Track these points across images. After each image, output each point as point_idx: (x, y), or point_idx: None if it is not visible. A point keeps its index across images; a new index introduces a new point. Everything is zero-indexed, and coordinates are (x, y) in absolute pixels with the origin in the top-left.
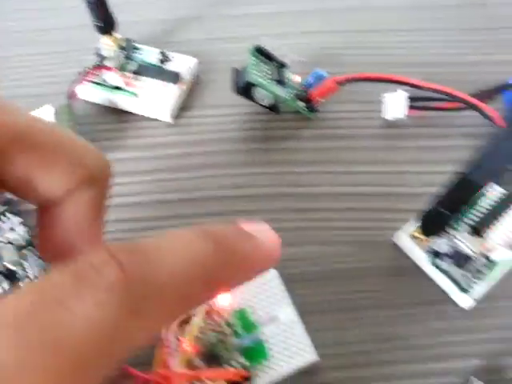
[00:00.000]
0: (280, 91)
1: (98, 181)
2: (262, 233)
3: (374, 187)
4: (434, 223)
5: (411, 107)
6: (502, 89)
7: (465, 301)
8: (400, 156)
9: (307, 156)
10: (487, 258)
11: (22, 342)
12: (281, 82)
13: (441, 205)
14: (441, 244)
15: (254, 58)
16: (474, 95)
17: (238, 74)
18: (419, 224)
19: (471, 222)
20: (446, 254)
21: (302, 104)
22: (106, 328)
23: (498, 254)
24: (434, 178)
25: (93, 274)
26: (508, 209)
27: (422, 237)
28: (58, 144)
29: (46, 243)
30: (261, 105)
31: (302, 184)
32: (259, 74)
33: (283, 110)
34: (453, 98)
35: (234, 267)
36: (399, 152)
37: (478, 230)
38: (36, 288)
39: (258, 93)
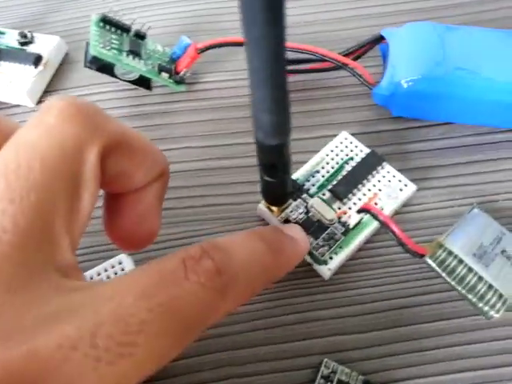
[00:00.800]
0: (134, 63)
1: (164, 175)
2: (297, 234)
3: (250, 159)
4: (266, 192)
5: None
6: (374, 43)
7: (324, 272)
8: None
9: (181, 131)
10: (344, 224)
11: (148, 306)
12: (136, 53)
13: (263, 172)
14: (293, 213)
15: (96, 29)
16: (346, 54)
17: (87, 48)
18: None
19: (332, 187)
20: (297, 222)
21: (166, 76)
22: (205, 303)
23: (353, 220)
24: (308, 145)
25: (193, 263)
26: (369, 173)
27: (274, 207)
28: (145, 146)
29: (115, 226)
30: (128, 81)
31: (176, 161)
32: (105, 45)
33: (155, 85)
34: (323, 58)
35: (282, 264)
36: None
37: (337, 196)
38: (155, 269)
39: (118, 69)
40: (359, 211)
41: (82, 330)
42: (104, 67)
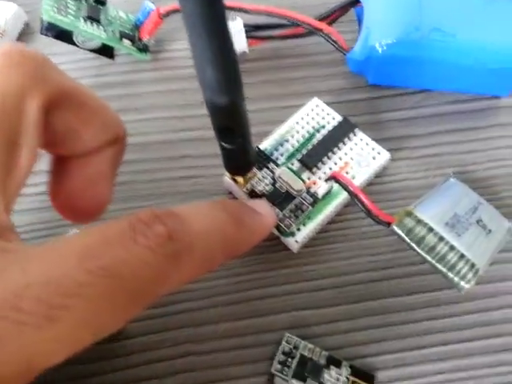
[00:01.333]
0: (93, 30)
1: (120, 141)
2: (263, 209)
3: None
4: (226, 160)
5: (252, 37)
6: (349, 5)
7: (291, 244)
8: (248, 93)
9: (144, 102)
10: (312, 195)
11: (87, 268)
12: (95, 19)
13: (219, 138)
14: (259, 184)
15: None
16: (320, 19)
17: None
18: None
19: (300, 157)
20: (263, 194)
21: (128, 43)
22: (155, 270)
23: (322, 190)
24: (278, 115)
25: (143, 227)
26: (341, 141)
27: (239, 178)
28: (96, 104)
29: (60, 191)
30: (90, 50)
31: (138, 132)
32: (60, 10)
33: (119, 54)
34: (296, 23)
35: (245, 237)
36: (247, 90)
37: (306, 165)
38: (99, 230)
39: (77, 36)
40: (327, 180)
41: (6, 291)
42: (62, 35)
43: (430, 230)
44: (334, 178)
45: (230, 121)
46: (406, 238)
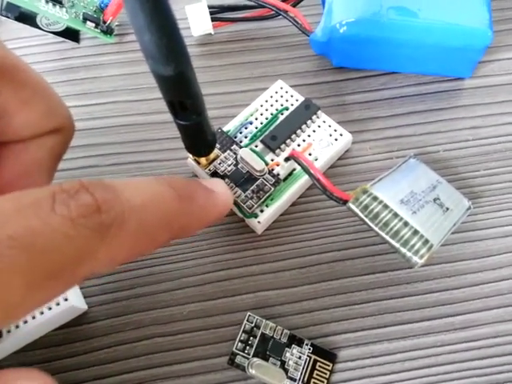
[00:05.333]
0: (54, 11)
1: (64, 131)
2: (217, 187)
3: None
4: (183, 139)
5: (216, 19)
6: None
7: (254, 225)
8: (214, 76)
9: (108, 85)
10: (274, 176)
11: None
12: (56, 0)
13: (173, 114)
14: (221, 165)
15: None
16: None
17: None
18: None
19: (263, 138)
20: (226, 175)
21: (92, 26)
22: (74, 243)
23: (283, 170)
24: (243, 98)
25: (65, 196)
26: (304, 122)
27: (202, 159)
28: (39, 87)
29: None
30: (54, 33)
31: (101, 116)
32: None
33: (84, 38)
34: (261, 4)
35: (193, 214)
36: (212, 73)
37: (269, 146)
38: (14, 197)
39: (41, 19)
40: (286, 159)
41: None
42: (24, 17)
43: (385, 207)
44: (291, 155)
45: (179, 93)
46: (361, 214)
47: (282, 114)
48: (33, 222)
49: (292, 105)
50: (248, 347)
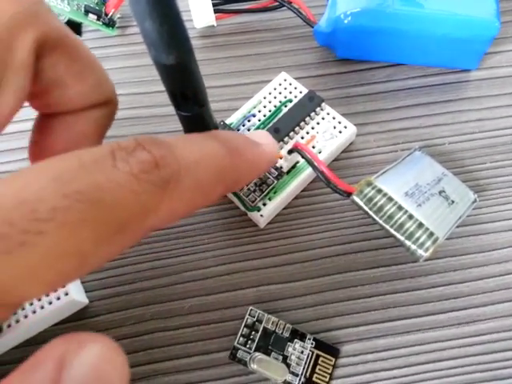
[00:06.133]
0: (55, 3)
1: (111, 105)
2: (264, 139)
3: None
4: (185, 130)
5: (220, 11)
6: None
7: (257, 219)
8: (217, 69)
9: (113, 78)
10: (277, 169)
11: (63, 192)
12: None
13: (174, 105)
14: None
15: None
16: None
17: None
18: None
19: (267, 130)
20: None
21: (94, 18)
22: (139, 197)
23: (286, 163)
24: (247, 90)
25: (124, 154)
26: (307, 115)
27: None
28: (90, 60)
29: (40, 149)
30: None
31: None
32: None
33: (87, 30)
34: None
35: (243, 168)
36: (214, 65)
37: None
38: (76, 154)
39: None
40: (290, 151)
41: None
42: None
43: (390, 199)
44: (295, 147)
45: (179, 83)
46: (365, 207)
47: (285, 107)
48: (98, 178)
49: (296, 97)
50: (250, 342)
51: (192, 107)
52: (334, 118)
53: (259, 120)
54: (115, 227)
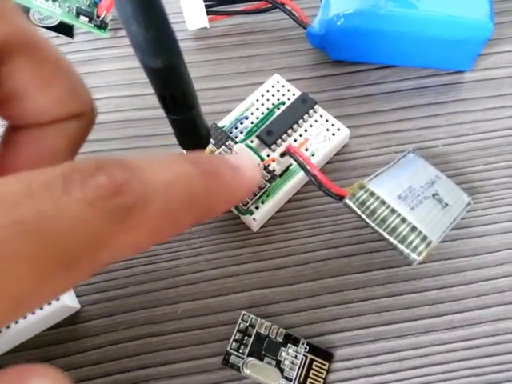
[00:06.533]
0: (47, 5)
1: (86, 117)
2: (246, 162)
3: None
4: (176, 134)
5: (212, 13)
6: None
7: (250, 222)
8: (210, 71)
9: (102, 80)
10: (270, 172)
11: (2, 221)
12: None
13: (164, 108)
14: None
15: None
16: None
17: None
18: None
19: (258, 133)
20: None
21: (85, 20)
22: (92, 228)
23: (278, 166)
24: (239, 92)
25: (79, 177)
26: (300, 117)
27: None
28: (60, 65)
29: (6, 166)
30: (48, 27)
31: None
32: None
33: (79, 32)
34: None
35: (219, 193)
36: (207, 67)
37: (264, 142)
38: (23, 177)
39: (33, 13)
40: (282, 154)
41: None
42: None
43: (382, 202)
44: (287, 151)
45: (167, 86)
46: (358, 211)
47: (278, 109)
48: (45, 205)
49: (288, 99)
50: (243, 346)
51: (181, 110)
52: (327, 121)
53: (252, 122)
54: (61, 262)
